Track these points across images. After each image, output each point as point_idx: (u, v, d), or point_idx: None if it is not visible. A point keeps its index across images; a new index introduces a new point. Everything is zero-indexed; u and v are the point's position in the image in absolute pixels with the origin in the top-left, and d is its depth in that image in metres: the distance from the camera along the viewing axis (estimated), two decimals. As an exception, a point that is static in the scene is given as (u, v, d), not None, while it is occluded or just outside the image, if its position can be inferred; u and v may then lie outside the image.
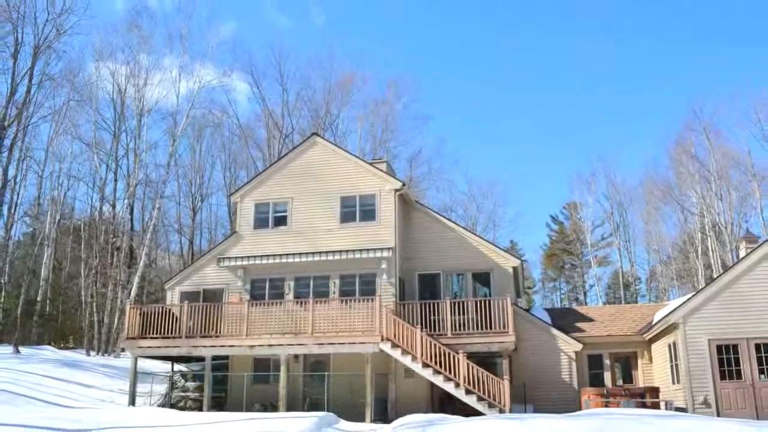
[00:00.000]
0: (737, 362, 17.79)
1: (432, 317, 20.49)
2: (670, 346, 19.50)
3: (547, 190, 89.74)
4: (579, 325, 22.97)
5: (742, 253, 21.05)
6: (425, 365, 18.76)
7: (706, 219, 45.87)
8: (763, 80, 74.21)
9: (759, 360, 17.72)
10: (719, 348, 17.96)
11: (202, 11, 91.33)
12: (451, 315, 20.25)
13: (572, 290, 70.13)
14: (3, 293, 39.52)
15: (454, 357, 18.65)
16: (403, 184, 22.90)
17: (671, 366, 19.44)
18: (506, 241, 67.42)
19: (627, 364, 22.59)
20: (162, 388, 23.88)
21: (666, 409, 17.62)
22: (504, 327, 19.79)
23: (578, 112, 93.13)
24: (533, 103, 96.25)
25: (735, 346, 17.91)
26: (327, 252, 21.91)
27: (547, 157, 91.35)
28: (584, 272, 65.65)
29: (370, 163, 24.10)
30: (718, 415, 17.22)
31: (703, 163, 45.92)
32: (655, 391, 18.39)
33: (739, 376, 17.72)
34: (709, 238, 45.72)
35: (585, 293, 67.30)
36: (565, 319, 23.57)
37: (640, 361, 22.20)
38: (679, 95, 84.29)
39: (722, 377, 17.77)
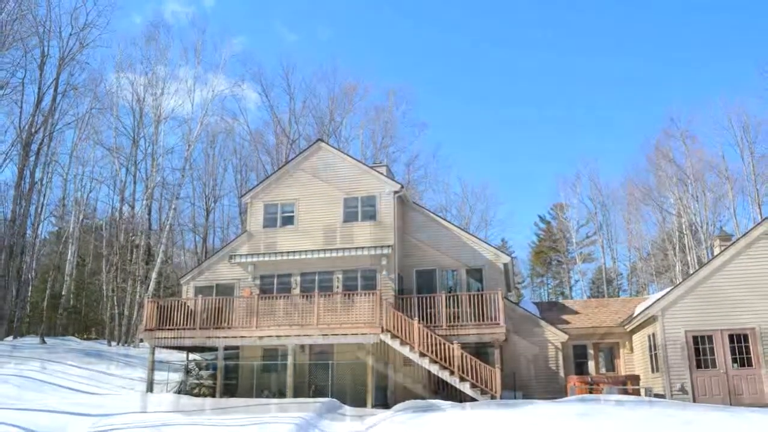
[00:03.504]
0: (712, 352, 17.80)
1: (428, 310, 20.46)
2: (649, 336, 19.49)
3: (536, 191, 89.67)
4: (565, 317, 22.96)
5: (716, 251, 21.06)
6: (422, 354, 18.71)
7: (683, 219, 45.81)
8: (735, 89, 74.09)
9: (732, 350, 17.73)
10: (695, 338, 17.96)
11: (214, 26, 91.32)
12: (446, 308, 20.22)
13: (558, 285, 70.06)
14: (30, 288, 39.49)
15: (448, 347, 18.61)
16: (402, 186, 22.86)
17: (651, 355, 19.42)
18: (497, 239, 67.26)
19: (610, 354, 22.56)
20: (178, 376, 23.84)
21: (646, 395, 17.61)
22: (495, 319, 19.77)
23: (564, 117, 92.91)
24: (522, 110, 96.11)
25: (710, 337, 17.91)
26: (331, 249, 21.90)
27: (535, 160, 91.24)
28: (570, 268, 65.59)
29: (371, 167, 24.07)
30: (695, 401, 17.21)
31: (681, 166, 45.90)
32: (635, 379, 18.37)
33: (713, 365, 17.73)
34: (686, 236, 45.66)
35: (570, 288, 67.26)
36: (552, 312, 23.57)
37: (621, 351, 22.18)
38: (658, 102, 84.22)
39: (698, 366, 17.77)
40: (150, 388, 20.61)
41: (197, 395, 21.46)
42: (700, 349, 17.87)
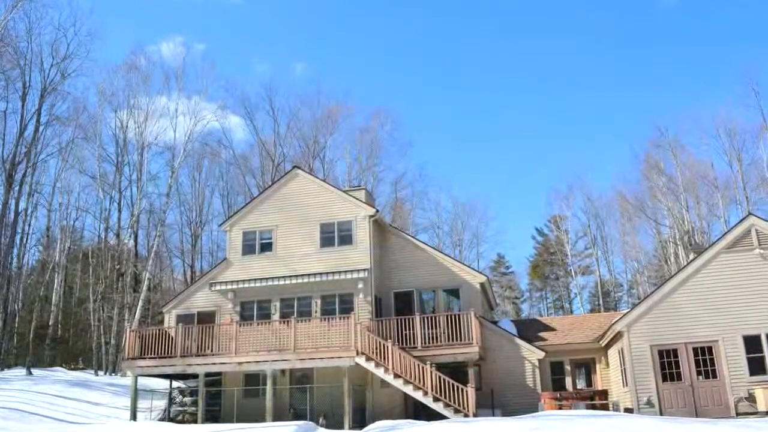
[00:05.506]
0: (677, 365, 18.87)
1: (405, 332, 21.55)
2: (619, 351, 20.63)
3: (532, 204, 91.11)
4: (542, 334, 24.08)
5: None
6: (396, 376, 19.83)
7: (675, 229, 47.04)
8: (718, 97, 75.73)
9: (696, 362, 18.79)
10: (660, 352, 19.05)
11: (195, 53, 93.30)
12: (421, 329, 21.35)
13: (558, 299, 71.14)
14: (17, 318, 40.62)
15: (422, 368, 19.71)
16: (377, 211, 24.13)
17: (621, 370, 20.55)
18: (493, 255, 68.65)
19: (588, 369, 23.69)
20: (162, 403, 24.97)
21: (613, 410, 18.75)
22: (469, 339, 20.90)
23: (555, 130, 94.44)
24: (511, 123, 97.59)
25: (675, 351, 18.99)
26: (308, 275, 23.10)
27: (530, 173, 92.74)
28: (569, 282, 66.69)
29: (347, 191, 25.39)
30: (661, 413, 18.27)
31: (671, 177, 47.18)
32: (603, 394, 19.51)
33: (679, 377, 18.80)
34: (679, 247, 46.84)
35: (570, 301, 68.42)
36: (530, 330, 24.68)
37: (598, 366, 23.28)
38: (647, 112, 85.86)
39: (664, 379, 18.85)
40: (134, 417, 21.74)
41: (180, 422, 22.60)
42: (665, 363, 18.94)
